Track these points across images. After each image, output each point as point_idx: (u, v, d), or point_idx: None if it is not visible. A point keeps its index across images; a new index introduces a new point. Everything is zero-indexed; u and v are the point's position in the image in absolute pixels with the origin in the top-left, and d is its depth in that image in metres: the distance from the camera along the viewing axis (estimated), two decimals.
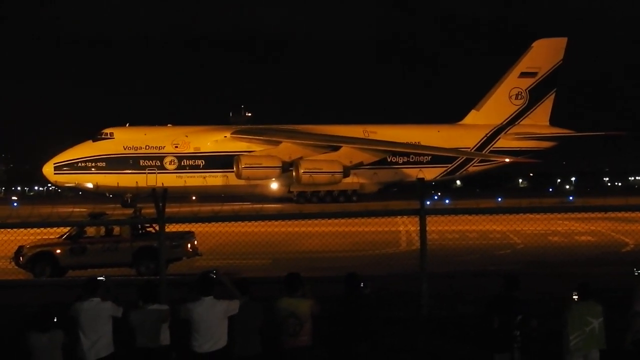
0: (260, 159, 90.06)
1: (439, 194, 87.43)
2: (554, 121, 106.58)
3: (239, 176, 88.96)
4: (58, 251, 31.91)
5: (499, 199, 73.60)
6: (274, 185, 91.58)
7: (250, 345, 14.38)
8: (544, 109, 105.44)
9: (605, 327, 14.66)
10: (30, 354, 13.85)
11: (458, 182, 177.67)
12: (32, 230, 28.48)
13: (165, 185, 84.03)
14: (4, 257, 31.69)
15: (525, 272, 24.02)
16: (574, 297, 14.64)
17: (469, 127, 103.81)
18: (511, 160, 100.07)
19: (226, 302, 13.97)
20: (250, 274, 27.04)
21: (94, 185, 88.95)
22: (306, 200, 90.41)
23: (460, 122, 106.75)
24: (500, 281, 15.06)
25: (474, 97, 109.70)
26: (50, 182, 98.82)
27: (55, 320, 13.99)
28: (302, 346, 14.29)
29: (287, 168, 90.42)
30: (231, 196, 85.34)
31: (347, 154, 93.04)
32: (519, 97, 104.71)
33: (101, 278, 14.93)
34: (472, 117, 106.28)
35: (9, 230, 22.99)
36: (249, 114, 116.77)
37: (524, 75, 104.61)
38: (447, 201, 73.87)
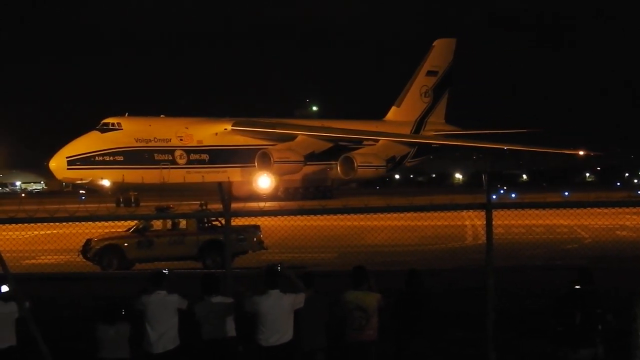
0: (287, 152, 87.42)
1: (505, 188, 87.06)
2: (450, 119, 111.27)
3: (267, 171, 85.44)
4: (125, 244, 32.19)
5: (566, 193, 73.26)
6: (264, 181, 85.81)
7: (315, 338, 14.39)
8: (442, 107, 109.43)
9: None
10: (98, 345, 14.02)
11: (525, 176, 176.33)
12: (99, 224, 28.81)
13: (170, 181, 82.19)
14: (73, 250, 32.15)
15: (593, 267, 23.75)
16: None
17: (396, 123, 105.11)
18: (585, 153, 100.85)
19: (292, 295, 13.94)
20: (316, 268, 27.12)
21: (111, 183, 78.83)
22: (292, 197, 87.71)
23: (384, 119, 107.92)
24: (573, 275, 14.80)
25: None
26: (58, 179, 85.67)
27: (122, 312, 14.13)
28: (367, 340, 14.25)
29: (305, 162, 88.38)
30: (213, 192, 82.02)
31: (384, 147, 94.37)
32: (427, 95, 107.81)
33: (165, 271, 15.02)
34: (393, 114, 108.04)
35: (77, 223, 23.22)
36: (316, 108, 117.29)
37: (429, 74, 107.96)
38: (513, 195, 73.74)
